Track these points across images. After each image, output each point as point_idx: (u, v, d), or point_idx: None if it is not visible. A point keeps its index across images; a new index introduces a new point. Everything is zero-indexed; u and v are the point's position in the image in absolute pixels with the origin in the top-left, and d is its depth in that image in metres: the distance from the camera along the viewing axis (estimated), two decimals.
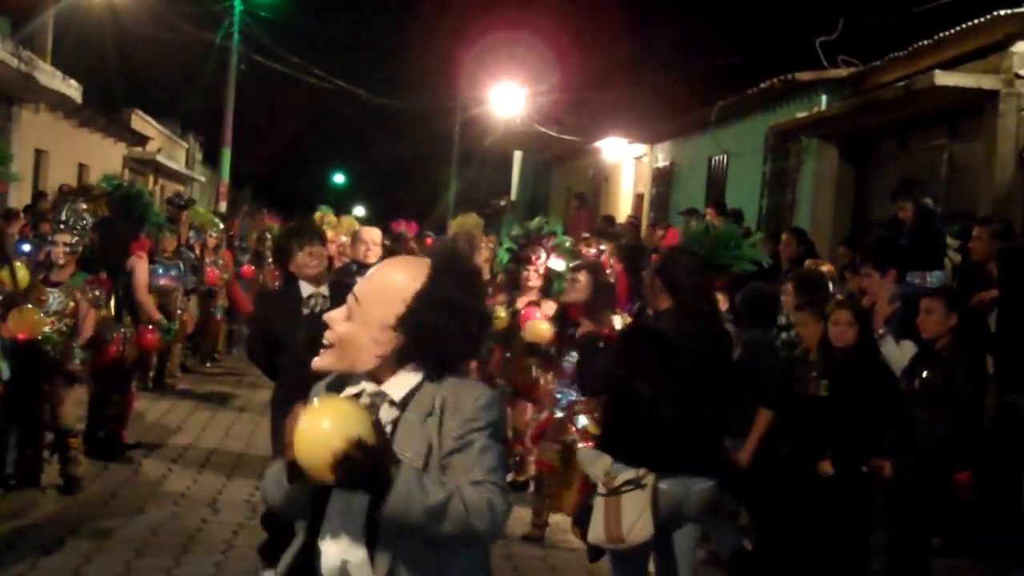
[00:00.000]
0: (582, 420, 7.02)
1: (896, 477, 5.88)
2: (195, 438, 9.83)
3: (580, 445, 6.70)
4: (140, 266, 9.25)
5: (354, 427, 2.40)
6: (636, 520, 4.87)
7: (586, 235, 13.06)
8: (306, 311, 5.63)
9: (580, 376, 6.18)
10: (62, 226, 7.83)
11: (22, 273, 7.55)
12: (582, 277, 7.23)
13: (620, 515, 4.90)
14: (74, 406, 7.98)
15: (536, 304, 8.25)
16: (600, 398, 6.51)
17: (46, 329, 7.57)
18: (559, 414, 7.21)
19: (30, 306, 7.35)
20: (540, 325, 7.78)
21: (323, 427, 2.40)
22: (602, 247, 11.38)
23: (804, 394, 6.72)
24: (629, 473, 4.92)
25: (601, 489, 5.02)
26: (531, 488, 7.85)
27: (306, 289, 5.77)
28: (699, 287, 5.11)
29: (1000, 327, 7.06)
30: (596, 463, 5.16)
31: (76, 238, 7.86)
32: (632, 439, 4.99)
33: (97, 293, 8.03)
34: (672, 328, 4.98)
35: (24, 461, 7.77)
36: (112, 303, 8.34)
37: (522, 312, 8.20)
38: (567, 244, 9.55)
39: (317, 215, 14.19)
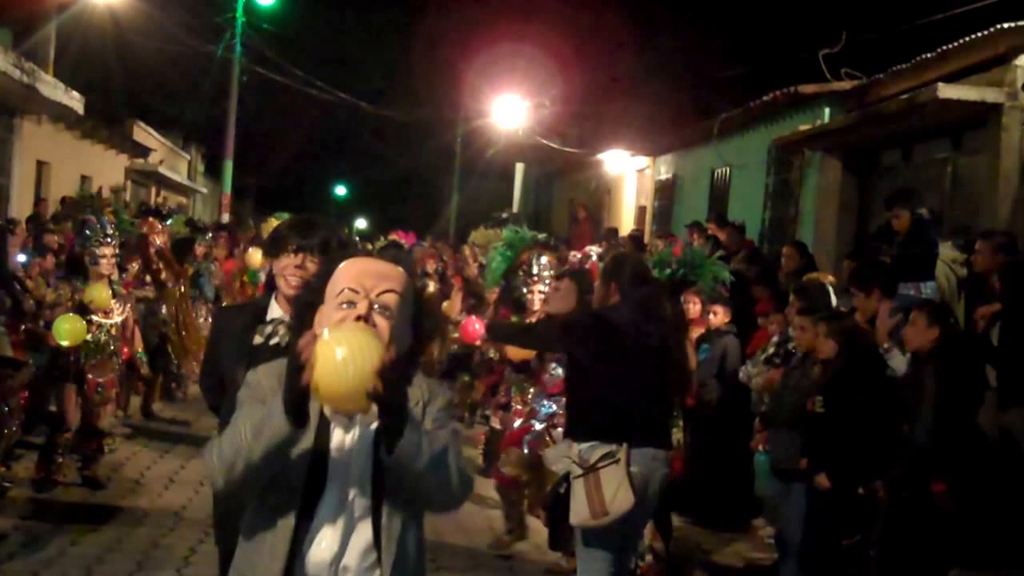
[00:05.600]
0: (561, 432, 6.82)
1: (892, 496, 5.93)
2: (197, 449, 9.82)
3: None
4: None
5: (383, 349, 2.39)
6: (616, 491, 5.11)
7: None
8: (257, 339, 3.87)
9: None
10: (109, 239, 7.95)
11: (103, 292, 7.80)
12: (564, 285, 6.79)
13: (601, 488, 5.12)
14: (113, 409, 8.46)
15: None
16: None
17: (108, 337, 8.01)
18: (539, 426, 7.12)
19: (72, 314, 7.59)
20: None
21: (363, 349, 2.35)
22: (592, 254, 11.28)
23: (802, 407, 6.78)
24: (603, 449, 5.18)
25: (576, 471, 5.24)
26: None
27: (274, 309, 3.99)
28: (648, 290, 5.55)
29: (1002, 340, 7.03)
30: (563, 454, 5.46)
31: (117, 250, 8.06)
32: (598, 419, 5.29)
33: (129, 297, 8.36)
34: (625, 318, 5.37)
35: (49, 463, 7.91)
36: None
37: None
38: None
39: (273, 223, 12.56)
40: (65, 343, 7.62)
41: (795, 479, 6.89)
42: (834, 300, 8.10)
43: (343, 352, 2.33)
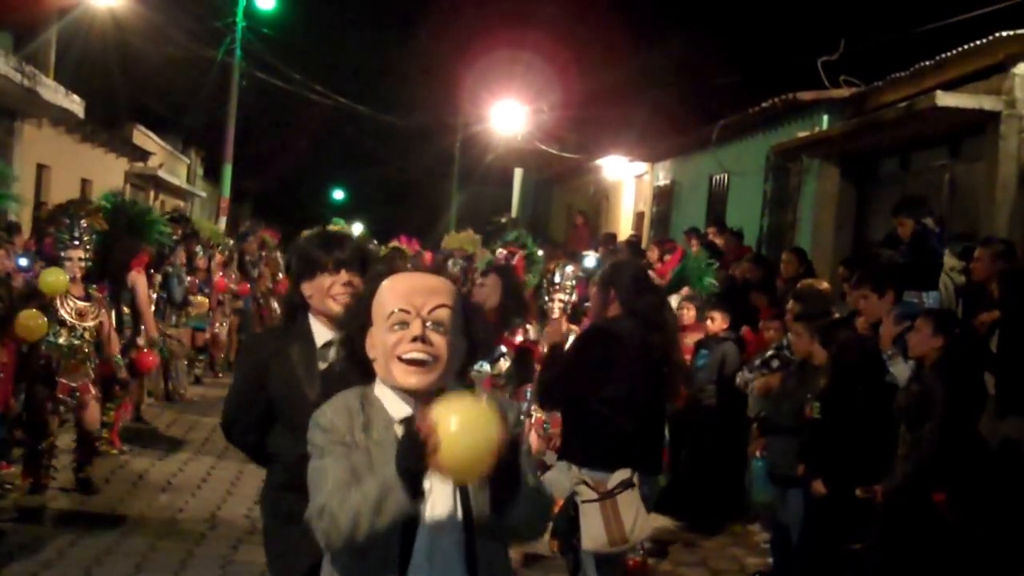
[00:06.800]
0: None
1: (889, 500, 5.94)
2: (195, 452, 9.85)
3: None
4: (140, 282, 9.41)
5: (500, 421, 2.36)
6: (635, 518, 5.06)
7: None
8: (322, 365, 3.63)
9: (543, 389, 6.05)
10: (76, 242, 7.94)
11: (58, 276, 7.75)
12: (490, 280, 6.86)
13: (619, 516, 5.05)
14: (97, 412, 8.27)
15: None
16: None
17: (81, 342, 7.83)
18: None
19: (34, 310, 7.54)
20: None
21: (482, 424, 2.31)
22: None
23: (800, 413, 6.81)
24: (620, 474, 5.09)
25: (590, 495, 5.13)
26: None
27: (321, 332, 3.70)
28: (653, 298, 5.46)
29: (1001, 348, 7.04)
30: (565, 476, 5.31)
31: (88, 253, 8.01)
32: (604, 445, 5.16)
33: (106, 302, 8.31)
34: (632, 333, 5.25)
35: (37, 468, 7.91)
36: (113, 317, 8.50)
37: None
38: (538, 253, 9.50)
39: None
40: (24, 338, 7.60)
41: (792, 485, 6.92)
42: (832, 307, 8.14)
43: (465, 435, 2.30)
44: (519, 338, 6.84)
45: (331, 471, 2.57)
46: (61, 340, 7.82)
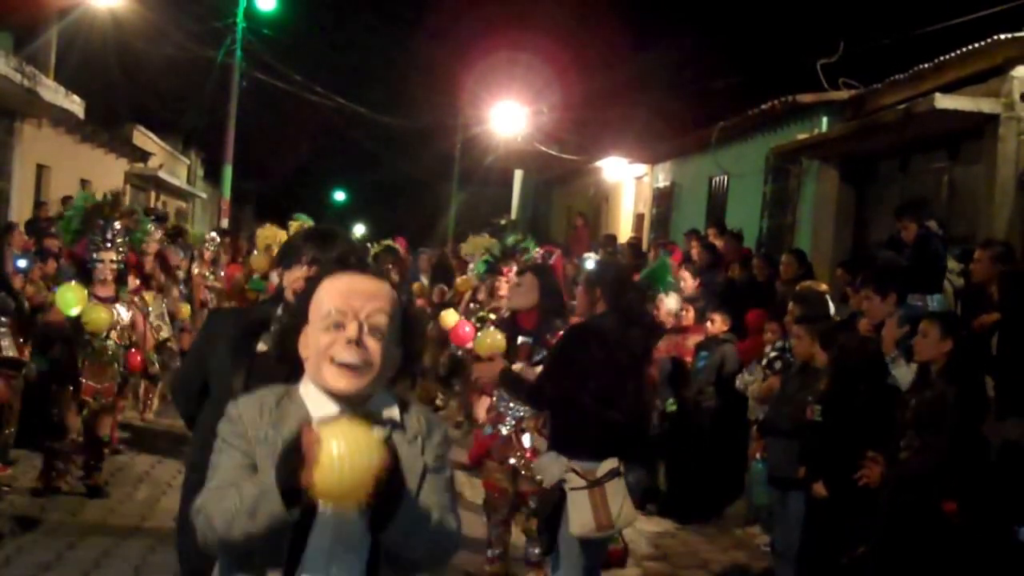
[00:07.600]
0: (528, 438, 6.66)
1: (891, 502, 5.93)
2: None
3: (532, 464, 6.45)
4: (129, 282, 9.39)
5: (383, 453, 2.30)
6: (621, 505, 5.20)
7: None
8: (261, 347, 3.64)
9: (529, 398, 6.04)
10: (109, 244, 7.97)
11: (100, 314, 7.82)
12: (527, 280, 6.68)
13: (607, 503, 5.18)
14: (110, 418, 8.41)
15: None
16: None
17: (109, 343, 7.84)
18: (505, 431, 6.76)
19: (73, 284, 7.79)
20: (494, 336, 6.84)
21: (363, 454, 2.25)
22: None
23: (800, 416, 6.80)
24: (608, 463, 5.23)
25: (579, 483, 5.24)
26: (484, 517, 7.18)
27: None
28: (635, 296, 5.62)
29: (1001, 350, 7.04)
30: (555, 464, 5.40)
31: (121, 255, 8.04)
32: (592, 438, 5.29)
33: (139, 302, 8.35)
34: (615, 329, 5.38)
35: (50, 470, 7.94)
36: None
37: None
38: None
39: (294, 226, 11.84)
40: (74, 312, 7.68)
41: (792, 487, 6.92)
42: (832, 309, 8.14)
43: (342, 459, 2.24)
44: None
45: (221, 468, 2.53)
46: (88, 341, 7.86)
